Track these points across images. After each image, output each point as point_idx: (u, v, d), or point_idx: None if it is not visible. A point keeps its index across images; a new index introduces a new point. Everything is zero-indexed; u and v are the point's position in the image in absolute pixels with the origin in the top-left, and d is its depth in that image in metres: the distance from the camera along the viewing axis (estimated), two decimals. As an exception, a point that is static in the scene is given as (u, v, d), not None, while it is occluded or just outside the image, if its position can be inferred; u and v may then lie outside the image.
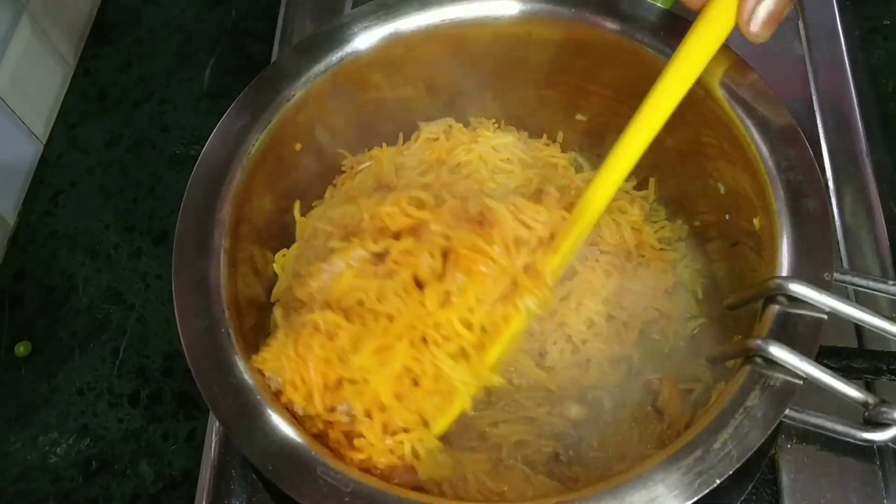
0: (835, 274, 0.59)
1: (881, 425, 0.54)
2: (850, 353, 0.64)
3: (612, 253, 0.75)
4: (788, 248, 0.61)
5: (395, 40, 0.74)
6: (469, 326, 0.62)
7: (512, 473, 0.64)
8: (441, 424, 0.62)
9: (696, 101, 0.70)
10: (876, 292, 0.62)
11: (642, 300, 0.74)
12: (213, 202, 0.67)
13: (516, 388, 0.70)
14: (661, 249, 0.77)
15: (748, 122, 0.66)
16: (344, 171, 0.81)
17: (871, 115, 0.90)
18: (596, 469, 0.67)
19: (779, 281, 0.58)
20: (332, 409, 0.62)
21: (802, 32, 0.95)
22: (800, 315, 0.58)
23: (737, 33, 0.59)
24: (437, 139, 0.82)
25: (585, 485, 0.55)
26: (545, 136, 0.84)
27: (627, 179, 0.80)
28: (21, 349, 0.85)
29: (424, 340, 0.62)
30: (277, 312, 0.72)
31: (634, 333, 0.72)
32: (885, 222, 0.82)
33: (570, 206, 0.66)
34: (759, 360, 0.56)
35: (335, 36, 0.74)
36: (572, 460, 0.68)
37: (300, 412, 0.61)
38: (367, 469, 0.60)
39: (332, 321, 0.62)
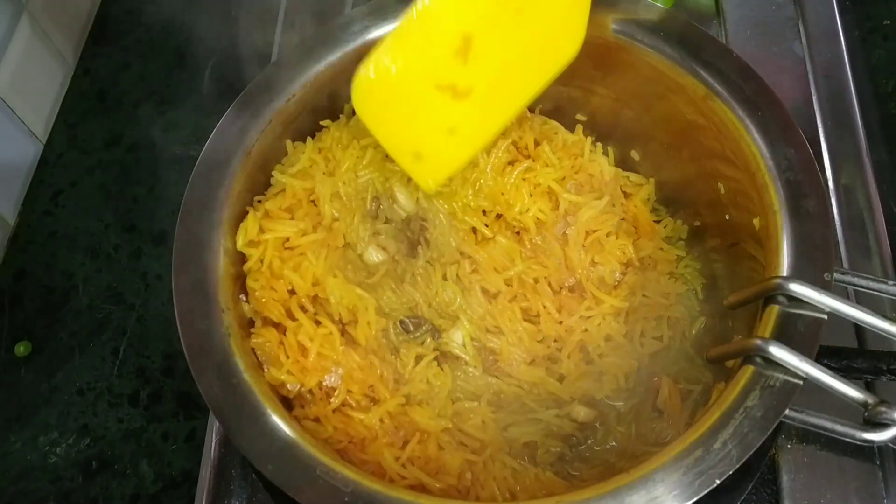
0: (835, 274, 0.59)
1: (881, 425, 0.54)
2: (850, 353, 0.64)
3: (635, 266, 0.75)
4: (788, 248, 0.61)
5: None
6: None
7: (525, 473, 0.65)
8: None
9: (696, 101, 0.70)
10: (876, 292, 0.62)
11: (655, 310, 0.74)
12: (213, 202, 0.67)
13: (526, 392, 0.70)
14: (661, 249, 0.77)
15: (748, 122, 0.66)
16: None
17: (871, 115, 0.90)
18: (598, 466, 0.67)
19: (779, 281, 0.58)
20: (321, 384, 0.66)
21: (802, 32, 0.95)
22: (800, 315, 0.58)
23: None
24: None
25: (588, 481, 0.56)
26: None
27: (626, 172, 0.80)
28: (21, 349, 0.85)
29: None
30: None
31: (649, 348, 0.73)
32: (885, 222, 0.82)
33: None
34: (759, 360, 0.56)
35: (335, 36, 0.74)
36: (575, 458, 0.68)
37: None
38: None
39: None
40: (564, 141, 0.79)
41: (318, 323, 0.68)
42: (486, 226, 0.74)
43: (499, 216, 0.75)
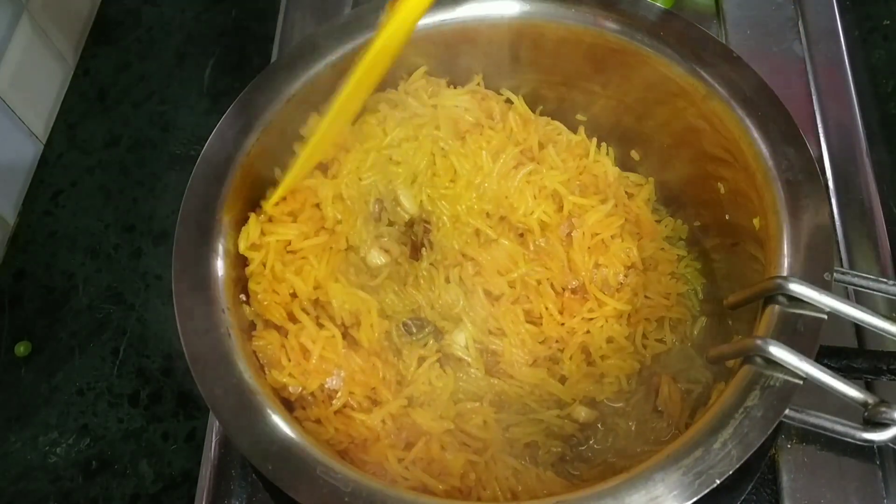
0: (835, 274, 0.59)
1: (881, 425, 0.54)
2: (850, 353, 0.64)
3: (635, 267, 0.75)
4: (788, 248, 0.61)
5: (395, 40, 0.74)
6: None
7: (526, 474, 0.64)
8: None
9: (696, 101, 0.70)
10: (876, 292, 0.62)
11: (657, 311, 0.74)
12: (213, 202, 0.67)
13: (528, 393, 0.70)
14: (662, 249, 0.77)
15: (748, 122, 0.66)
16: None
17: (871, 115, 0.90)
18: (598, 466, 0.67)
19: (779, 281, 0.58)
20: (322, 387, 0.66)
21: (802, 32, 0.95)
22: (800, 315, 0.58)
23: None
24: None
25: (588, 481, 0.55)
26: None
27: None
28: (21, 349, 0.85)
29: None
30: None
31: (651, 350, 0.72)
32: (885, 222, 0.82)
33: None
34: (759, 360, 0.56)
35: (335, 36, 0.74)
36: (576, 458, 0.68)
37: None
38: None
39: None
40: (568, 142, 0.79)
41: (320, 326, 0.68)
42: (490, 228, 0.74)
43: (502, 218, 0.75)
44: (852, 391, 0.55)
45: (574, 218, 0.75)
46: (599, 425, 0.69)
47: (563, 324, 0.72)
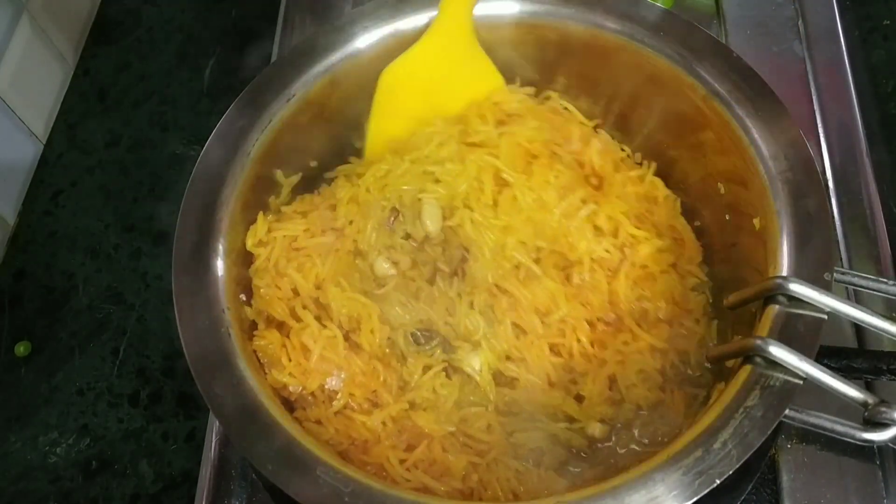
0: (835, 274, 0.59)
1: (881, 425, 0.54)
2: (850, 353, 0.64)
3: (664, 301, 0.71)
4: (788, 248, 0.61)
5: (395, 40, 0.74)
6: None
7: (528, 475, 0.64)
8: None
9: (696, 102, 0.70)
10: (876, 292, 0.62)
11: (691, 340, 0.70)
12: (213, 202, 0.67)
13: (539, 409, 0.68)
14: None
15: (748, 122, 0.66)
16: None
17: (871, 115, 0.90)
18: (599, 465, 0.67)
19: (779, 281, 0.58)
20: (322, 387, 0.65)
21: (802, 32, 0.94)
22: (800, 315, 0.58)
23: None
24: None
25: (588, 481, 0.55)
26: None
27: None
28: (21, 349, 0.85)
29: None
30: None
31: (676, 372, 0.69)
32: (885, 222, 0.82)
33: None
34: (759, 360, 0.56)
35: (335, 36, 0.74)
36: (577, 459, 0.68)
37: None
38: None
39: None
40: (629, 165, 0.76)
41: (322, 326, 0.68)
42: (535, 263, 0.69)
43: (552, 252, 0.71)
44: (852, 391, 0.55)
45: (626, 248, 0.71)
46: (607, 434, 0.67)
47: (593, 356, 0.68)
